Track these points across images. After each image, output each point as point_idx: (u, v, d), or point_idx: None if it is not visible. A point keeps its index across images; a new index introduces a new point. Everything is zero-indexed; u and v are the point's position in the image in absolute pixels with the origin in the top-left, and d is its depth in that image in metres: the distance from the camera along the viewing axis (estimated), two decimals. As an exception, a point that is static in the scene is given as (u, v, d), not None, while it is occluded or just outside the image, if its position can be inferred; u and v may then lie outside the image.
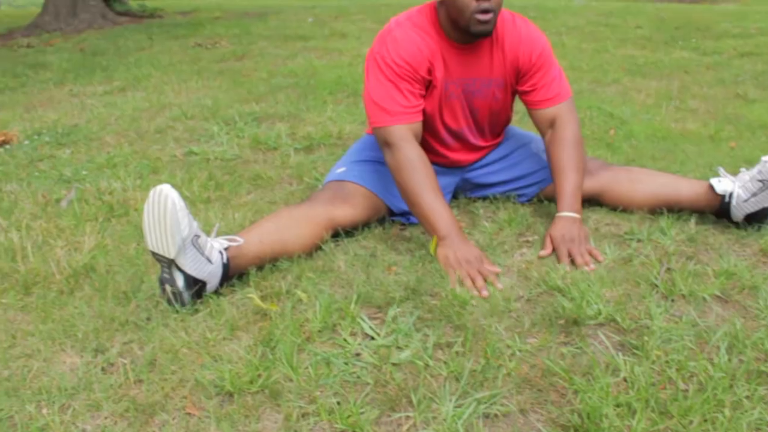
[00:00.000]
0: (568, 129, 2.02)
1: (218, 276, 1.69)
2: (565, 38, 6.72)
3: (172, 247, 1.57)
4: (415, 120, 1.93)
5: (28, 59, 6.47)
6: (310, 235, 1.88)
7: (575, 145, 2.01)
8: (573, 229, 1.90)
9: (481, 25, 1.83)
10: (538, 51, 2.01)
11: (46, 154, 3.16)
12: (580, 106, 3.76)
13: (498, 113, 2.13)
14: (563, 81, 2.07)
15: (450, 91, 2.01)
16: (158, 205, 1.56)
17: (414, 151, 1.88)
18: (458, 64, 1.98)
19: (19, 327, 1.68)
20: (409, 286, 1.69)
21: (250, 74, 4.85)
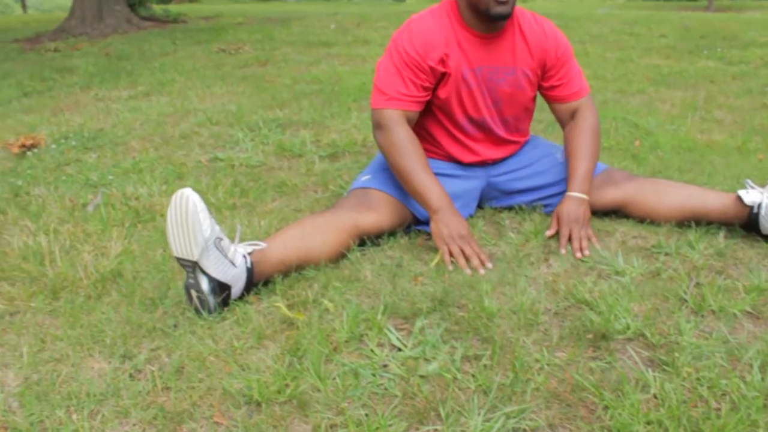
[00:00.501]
0: (588, 119, 2.15)
1: (242, 280, 1.69)
2: (589, 47, 6.70)
3: (195, 248, 1.58)
4: (410, 108, 2.00)
5: (55, 63, 6.55)
6: (334, 242, 1.89)
7: (592, 132, 2.13)
8: (579, 210, 2.01)
9: (499, 6, 1.88)
10: (562, 47, 2.10)
11: (73, 158, 3.19)
12: (605, 116, 3.74)
13: (522, 103, 2.16)
14: (582, 76, 2.20)
15: (469, 78, 2.04)
16: (180, 208, 1.58)
17: (405, 132, 1.96)
18: (479, 52, 2.02)
19: (48, 331, 1.70)
20: (435, 297, 1.68)
21: (273, 80, 4.87)
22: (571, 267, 1.88)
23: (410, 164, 1.93)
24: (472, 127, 2.14)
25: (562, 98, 2.15)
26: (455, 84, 2.04)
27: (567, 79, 2.13)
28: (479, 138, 2.18)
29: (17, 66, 6.65)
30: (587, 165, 2.08)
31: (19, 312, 1.82)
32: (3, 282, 1.99)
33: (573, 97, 2.15)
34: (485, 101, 2.09)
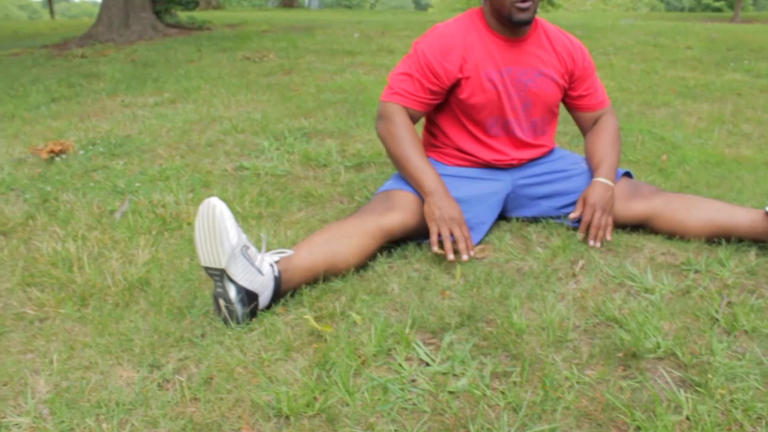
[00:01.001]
0: (610, 121, 2.27)
1: (270, 288, 1.70)
2: (613, 58, 6.67)
3: (222, 255, 1.59)
4: (412, 106, 2.09)
5: (82, 69, 6.62)
6: (360, 245, 1.89)
7: (614, 134, 2.24)
8: (605, 195, 2.08)
9: (521, 12, 1.97)
10: (588, 58, 2.21)
11: (100, 165, 3.22)
12: (631, 129, 3.71)
13: (549, 106, 2.20)
14: (602, 85, 2.31)
15: (495, 79, 2.09)
16: (207, 217, 1.60)
17: (403, 123, 2.06)
18: (507, 54, 2.10)
19: (77, 338, 1.71)
20: (463, 312, 1.68)
21: (298, 89, 4.89)
22: (600, 283, 1.86)
23: (406, 150, 2.03)
24: (498, 128, 2.17)
25: (588, 107, 2.26)
26: (478, 85, 2.09)
27: (593, 89, 2.25)
28: (505, 140, 2.20)
29: (45, 71, 6.73)
30: (612, 158, 2.17)
31: (48, 318, 1.84)
32: (33, 288, 2.01)
33: (599, 106, 2.27)
34: (513, 102, 2.13)
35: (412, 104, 2.09)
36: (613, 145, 2.20)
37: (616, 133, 2.24)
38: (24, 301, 1.94)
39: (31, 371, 1.58)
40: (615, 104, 4.50)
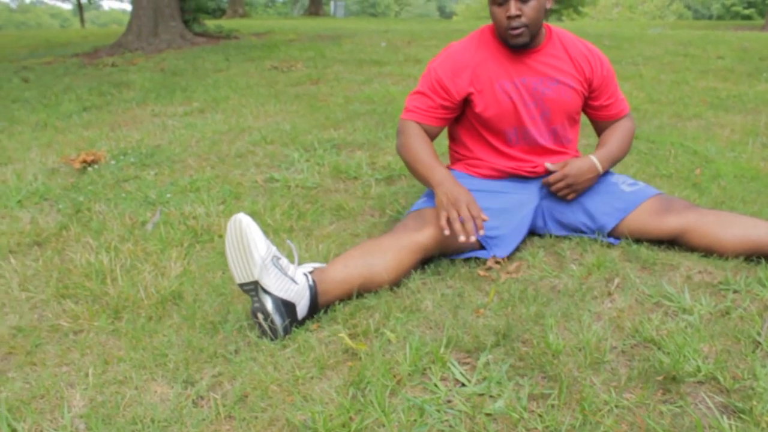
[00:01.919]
0: (622, 123, 2.28)
1: (306, 297, 1.70)
2: (643, 69, 6.60)
3: (253, 267, 1.61)
4: (426, 121, 2.15)
5: (112, 78, 6.70)
6: (396, 260, 1.88)
7: (624, 132, 2.26)
8: (587, 175, 2.15)
9: (514, 38, 2.04)
10: (606, 65, 2.20)
11: (132, 175, 3.25)
12: (663, 141, 3.67)
13: (568, 113, 2.21)
14: (623, 95, 2.32)
15: (510, 90, 2.12)
16: (234, 232, 1.63)
17: (415, 134, 2.12)
18: (521, 66, 2.13)
19: (111, 352, 1.72)
20: (498, 331, 1.66)
21: (326, 99, 4.90)
22: (636, 302, 1.83)
23: (417, 154, 2.08)
24: (519, 137, 2.19)
25: (609, 117, 2.28)
26: (492, 98, 2.13)
27: (614, 98, 2.26)
28: (526, 149, 2.22)
29: (77, 80, 6.82)
30: (612, 147, 2.21)
31: (82, 330, 1.85)
32: (67, 299, 2.03)
33: (619, 114, 2.29)
34: (530, 111, 2.15)
35: (425, 119, 2.15)
36: (620, 139, 2.23)
37: (626, 131, 2.26)
38: (59, 312, 1.96)
39: (66, 384, 1.59)
40: (645, 116, 4.45)
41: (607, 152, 2.19)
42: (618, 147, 2.22)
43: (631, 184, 2.21)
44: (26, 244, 2.51)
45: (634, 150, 3.48)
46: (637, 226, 2.13)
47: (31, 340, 1.81)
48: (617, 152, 2.22)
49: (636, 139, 3.72)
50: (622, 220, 2.14)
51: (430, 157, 2.07)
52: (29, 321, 1.93)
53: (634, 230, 2.14)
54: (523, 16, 1.99)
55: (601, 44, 8.39)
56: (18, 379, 1.64)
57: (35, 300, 2.06)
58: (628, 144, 2.27)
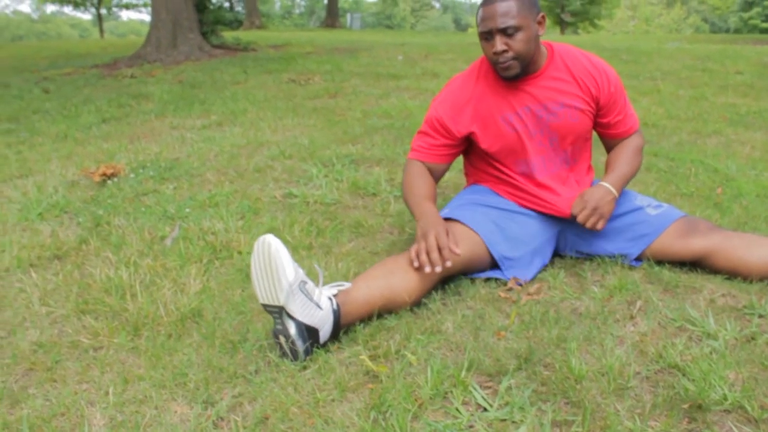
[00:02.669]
0: (631, 140, 2.23)
1: (330, 322, 1.69)
2: (661, 84, 6.57)
3: (279, 293, 1.59)
4: (430, 160, 2.19)
5: (131, 89, 6.75)
6: (416, 281, 1.87)
7: (632, 150, 2.20)
8: (607, 198, 2.06)
9: (505, 71, 2.01)
10: (614, 82, 2.14)
11: (150, 189, 3.26)
12: (682, 159, 3.64)
13: (578, 135, 2.16)
14: (632, 109, 2.25)
15: (514, 121, 2.10)
16: (263, 255, 1.61)
17: (414, 173, 2.17)
18: (522, 94, 2.09)
19: (131, 370, 1.72)
20: (520, 355, 1.64)
21: (344, 113, 4.91)
22: (659, 326, 1.81)
23: (411, 191, 2.12)
24: (530, 168, 2.16)
25: (618, 135, 2.22)
26: (496, 132, 2.12)
27: (623, 115, 2.19)
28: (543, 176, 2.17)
29: (96, 91, 6.88)
30: (624, 169, 2.15)
31: (102, 347, 1.86)
32: (87, 315, 2.03)
33: (628, 132, 2.23)
34: (536, 141, 2.13)
35: (428, 158, 2.19)
36: (628, 159, 2.17)
37: (635, 149, 2.20)
38: (79, 328, 1.96)
39: (87, 403, 1.59)
40: (664, 132, 4.42)
41: (619, 174, 2.13)
42: (629, 167, 2.16)
43: (656, 206, 2.18)
44: (46, 258, 2.52)
45: (654, 168, 3.46)
46: (661, 249, 2.11)
47: (51, 356, 1.81)
48: (628, 173, 2.16)
49: (655, 156, 3.70)
50: (648, 246, 2.13)
51: (420, 194, 2.09)
52: (49, 336, 1.94)
53: (657, 252, 2.12)
54: (510, 50, 1.96)
55: (618, 58, 8.37)
56: (39, 396, 1.64)
57: (55, 315, 2.06)
58: (638, 162, 2.21)
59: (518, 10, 1.92)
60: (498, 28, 1.93)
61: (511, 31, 1.93)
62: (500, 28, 1.93)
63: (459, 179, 3.18)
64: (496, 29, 1.93)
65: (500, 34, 1.94)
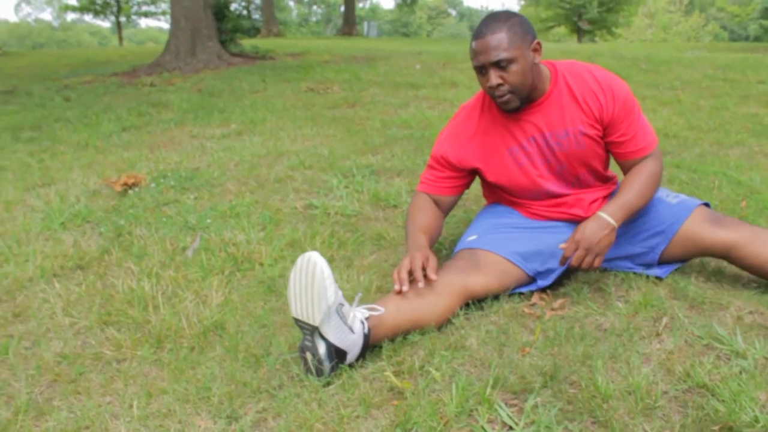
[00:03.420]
0: (647, 164, 2.04)
1: (359, 346, 1.68)
2: (681, 93, 6.52)
3: (317, 314, 1.58)
4: (436, 192, 2.19)
5: (151, 98, 6.80)
6: (444, 304, 1.87)
7: (643, 175, 2.02)
8: (600, 233, 1.93)
9: (503, 105, 1.96)
10: (620, 100, 2.00)
11: (171, 199, 3.27)
12: (705, 171, 3.61)
13: (590, 158, 2.09)
14: (648, 130, 2.07)
15: (519, 154, 2.07)
16: (306, 272, 1.59)
17: (416, 205, 2.17)
18: (525, 126, 2.04)
19: (154, 383, 1.72)
20: (545, 372, 1.63)
21: (363, 123, 4.91)
22: (686, 344, 1.79)
23: (409, 223, 2.12)
24: (542, 195, 2.14)
25: (625, 155, 2.06)
26: (503, 167, 2.10)
27: (630, 135, 2.03)
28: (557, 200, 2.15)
29: (116, 100, 6.93)
30: (628, 196, 1.99)
31: (125, 359, 1.86)
32: (110, 327, 2.04)
33: (637, 154, 2.05)
34: (544, 170, 2.09)
35: (434, 190, 2.19)
36: (637, 186, 2.00)
37: (648, 175, 2.02)
38: (102, 340, 1.97)
39: (111, 416, 1.59)
40: (686, 143, 4.38)
41: (623, 203, 1.97)
42: (636, 194, 1.99)
43: (674, 196, 2.17)
44: (69, 268, 2.54)
45: (676, 180, 3.43)
46: (687, 235, 2.06)
47: (75, 368, 1.82)
48: (635, 200, 1.99)
49: (677, 168, 3.67)
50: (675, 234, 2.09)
51: (415, 227, 2.08)
52: (73, 348, 1.95)
53: (684, 239, 2.07)
54: (505, 83, 1.89)
55: (637, 68, 8.32)
56: (63, 408, 1.65)
57: (78, 326, 2.07)
58: (650, 189, 2.02)
59: (510, 41, 1.86)
60: (491, 61, 1.86)
61: (505, 64, 1.86)
62: (493, 61, 1.86)
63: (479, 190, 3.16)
64: (489, 63, 1.87)
65: (494, 67, 1.88)
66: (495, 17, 1.90)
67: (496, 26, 1.87)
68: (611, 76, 2.04)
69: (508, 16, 1.91)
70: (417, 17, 62.86)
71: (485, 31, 1.88)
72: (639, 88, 6.79)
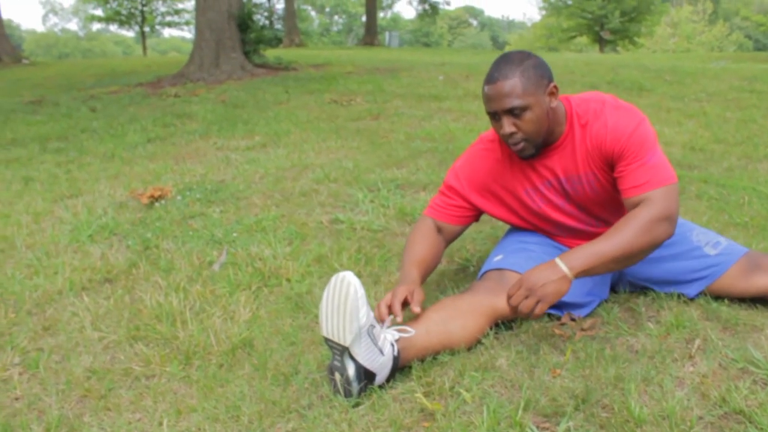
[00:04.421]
0: (643, 210, 1.76)
1: (388, 368, 1.67)
2: (707, 105, 6.46)
3: (348, 335, 1.58)
4: (443, 219, 2.14)
5: (175, 109, 6.86)
6: (474, 327, 1.85)
7: (636, 224, 1.73)
8: (547, 279, 1.70)
9: (519, 153, 1.92)
10: (624, 138, 1.83)
11: (197, 212, 3.29)
12: (734, 186, 3.56)
13: (606, 200, 2.01)
14: (657, 168, 1.81)
15: (536, 198, 2.05)
16: (339, 293, 1.58)
17: (418, 230, 2.12)
18: (541, 170, 2.00)
19: (183, 401, 1.72)
20: (577, 395, 1.61)
21: (387, 135, 4.91)
22: (720, 367, 1.76)
23: (406, 254, 2.06)
24: (563, 231, 2.12)
25: (624, 192, 1.84)
26: (520, 206, 2.09)
27: (627, 172, 1.83)
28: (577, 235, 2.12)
29: (141, 110, 7.00)
30: (602, 247, 1.73)
31: (154, 375, 1.87)
32: (139, 342, 2.05)
33: (636, 191, 1.81)
34: (563, 210, 2.06)
35: (441, 216, 2.14)
36: (619, 234, 1.73)
37: (637, 223, 1.74)
38: (131, 355, 1.98)
39: (141, 434, 1.59)
40: (713, 157, 4.33)
41: (590, 251, 1.73)
42: (613, 245, 1.72)
43: (714, 244, 2.09)
44: (97, 281, 2.55)
45: (705, 195, 3.38)
46: (721, 289, 2.05)
47: (104, 384, 1.83)
48: (608, 250, 1.72)
49: (705, 183, 3.62)
50: (706, 287, 2.07)
51: (410, 259, 2.01)
52: (102, 363, 1.96)
53: (717, 291, 2.07)
54: (519, 131, 1.84)
55: (661, 79, 8.26)
56: (94, 424, 1.66)
57: (107, 341, 2.09)
58: (638, 238, 1.73)
59: (524, 87, 1.79)
60: (503, 109, 1.81)
61: (518, 112, 1.81)
62: (506, 109, 1.81)
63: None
64: (502, 110, 1.82)
65: (507, 115, 1.82)
66: (508, 60, 1.83)
67: (509, 71, 1.80)
68: (622, 113, 1.88)
69: (521, 59, 1.83)
70: (438, 27, 62.95)
71: (497, 75, 1.81)
72: (664, 100, 6.74)
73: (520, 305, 1.72)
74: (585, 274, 1.73)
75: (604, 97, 1.95)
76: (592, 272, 1.74)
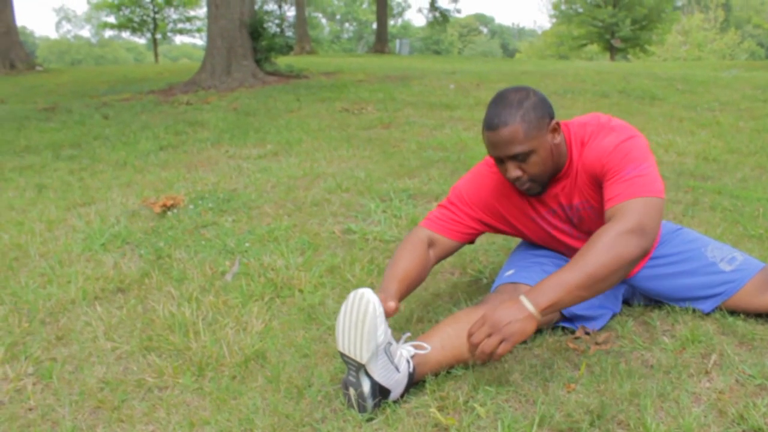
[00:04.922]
0: (609, 225, 1.66)
1: (403, 385, 1.67)
2: (719, 115, 6.42)
3: (365, 352, 1.57)
4: (439, 231, 2.04)
5: (187, 116, 6.88)
6: None
7: (600, 244, 1.61)
8: (512, 317, 1.58)
9: (525, 191, 1.91)
10: (605, 155, 1.79)
11: (210, 221, 3.30)
12: (748, 197, 3.53)
13: None
14: (636, 180, 1.72)
15: (541, 223, 2.04)
16: (358, 309, 1.58)
17: (408, 242, 1.99)
18: (546, 198, 1.98)
19: (196, 413, 1.72)
20: (592, 410, 1.60)
21: (399, 145, 4.91)
22: (737, 383, 1.74)
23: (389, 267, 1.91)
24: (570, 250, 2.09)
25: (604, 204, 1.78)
26: (525, 228, 2.08)
27: (606, 186, 1.78)
28: None
29: (153, 118, 7.03)
30: (568, 276, 1.60)
31: (167, 387, 1.87)
32: (152, 353, 2.05)
33: (607, 205, 1.75)
34: (569, 233, 2.05)
35: (438, 229, 2.05)
36: (585, 258, 1.61)
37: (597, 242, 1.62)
38: (143, 366, 1.98)
39: (154, 446, 1.59)
40: (726, 167, 4.30)
41: (555, 282, 1.61)
42: (579, 272, 1.60)
43: (730, 260, 2.06)
44: (110, 291, 2.56)
45: (718, 207, 3.35)
46: (736, 305, 2.03)
47: (118, 395, 1.83)
48: (569, 279, 1.60)
49: (719, 194, 3.60)
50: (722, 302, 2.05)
51: (393, 273, 1.87)
52: (115, 373, 1.96)
53: (732, 307, 2.05)
54: (525, 173, 1.83)
55: (673, 88, 8.23)
56: (107, 437, 1.65)
57: (120, 351, 2.09)
58: (592, 262, 1.59)
59: (525, 132, 1.75)
60: (507, 156, 1.79)
61: (522, 157, 1.79)
62: (509, 155, 1.79)
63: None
64: (506, 157, 1.80)
65: (511, 160, 1.81)
66: (506, 102, 1.77)
67: (509, 116, 1.75)
68: (609, 133, 1.84)
69: (520, 100, 1.77)
70: (448, 35, 62.99)
71: (497, 122, 1.76)
72: (676, 109, 6.71)
73: (482, 344, 1.58)
74: (553, 308, 1.60)
75: (600, 119, 1.91)
76: (560, 305, 1.61)
